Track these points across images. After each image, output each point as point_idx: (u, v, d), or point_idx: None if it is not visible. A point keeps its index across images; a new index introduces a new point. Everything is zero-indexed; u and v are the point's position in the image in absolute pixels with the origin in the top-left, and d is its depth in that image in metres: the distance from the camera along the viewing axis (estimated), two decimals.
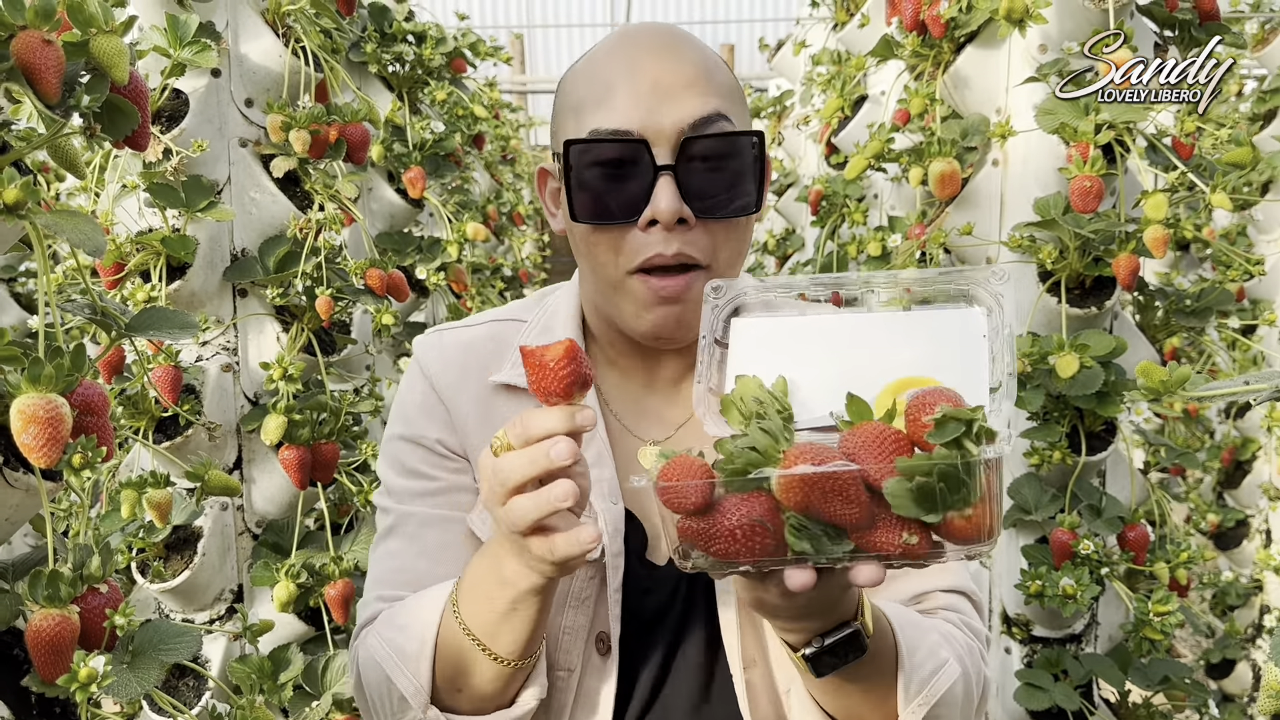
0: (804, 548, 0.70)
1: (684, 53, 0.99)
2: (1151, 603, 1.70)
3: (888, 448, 0.68)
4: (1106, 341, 1.71)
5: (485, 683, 0.96)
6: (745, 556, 0.71)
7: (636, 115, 0.95)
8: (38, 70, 0.89)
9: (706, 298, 0.87)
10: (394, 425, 1.13)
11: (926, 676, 0.91)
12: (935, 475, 0.66)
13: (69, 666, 0.96)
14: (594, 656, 1.04)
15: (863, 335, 0.80)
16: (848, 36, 2.69)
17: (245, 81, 1.84)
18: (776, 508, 0.70)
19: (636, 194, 0.96)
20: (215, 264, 1.81)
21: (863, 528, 0.69)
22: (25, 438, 0.88)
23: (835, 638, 0.83)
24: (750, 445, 0.70)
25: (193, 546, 1.84)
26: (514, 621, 0.92)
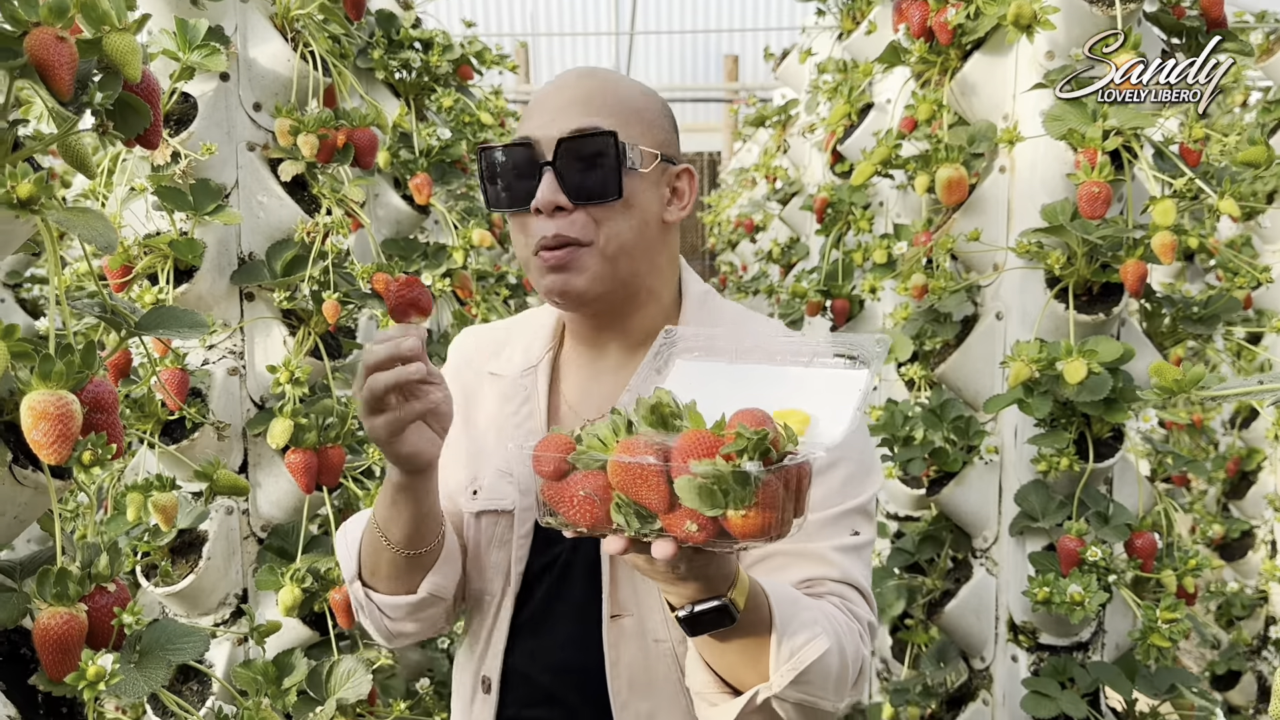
0: (620, 521, 0.86)
1: (583, 84, 1.24)
2: (1160, 609, 1.69)
3: (695, 450, 0.82)
4: (1114, 348, 1.70)
5: (386, 565, 1.22)
6: (582, 522, 0.88)
7: (532, 127, 1.21)
8: (51, 67, 0.89)
9: (660, 338, 1.08)
10: None
11: (798, 645, 1.03)
12: (712, 478, 0.80)
13: (76, 665, 0.96)
14: (509, 587, 1.27)
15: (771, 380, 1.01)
16: (853, 44, 2.70)
17: (254, 85, 1.84)
18: (608, 486, 0.86)
19: (528, 187, 1.19)
20: (223, 267, 1.81)
21: (663, 512, 0.84)
22: (36, 434, 0.88)
23: (704, 605, 0.97)
24: (596, 434, 0.87)
25: (197, 550, 1.84)
26: (397, 512, 1.16)
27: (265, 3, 1.88)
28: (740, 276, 5.84)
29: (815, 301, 2.86)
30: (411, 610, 1.26)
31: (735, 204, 5.78)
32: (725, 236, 5.93)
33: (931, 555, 2.20)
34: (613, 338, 1.29)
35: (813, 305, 2.87)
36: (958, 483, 2.05)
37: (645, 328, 1.28)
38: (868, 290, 2.55)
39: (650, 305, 1.29)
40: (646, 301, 1.28)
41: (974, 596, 2.08)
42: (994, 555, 2.08)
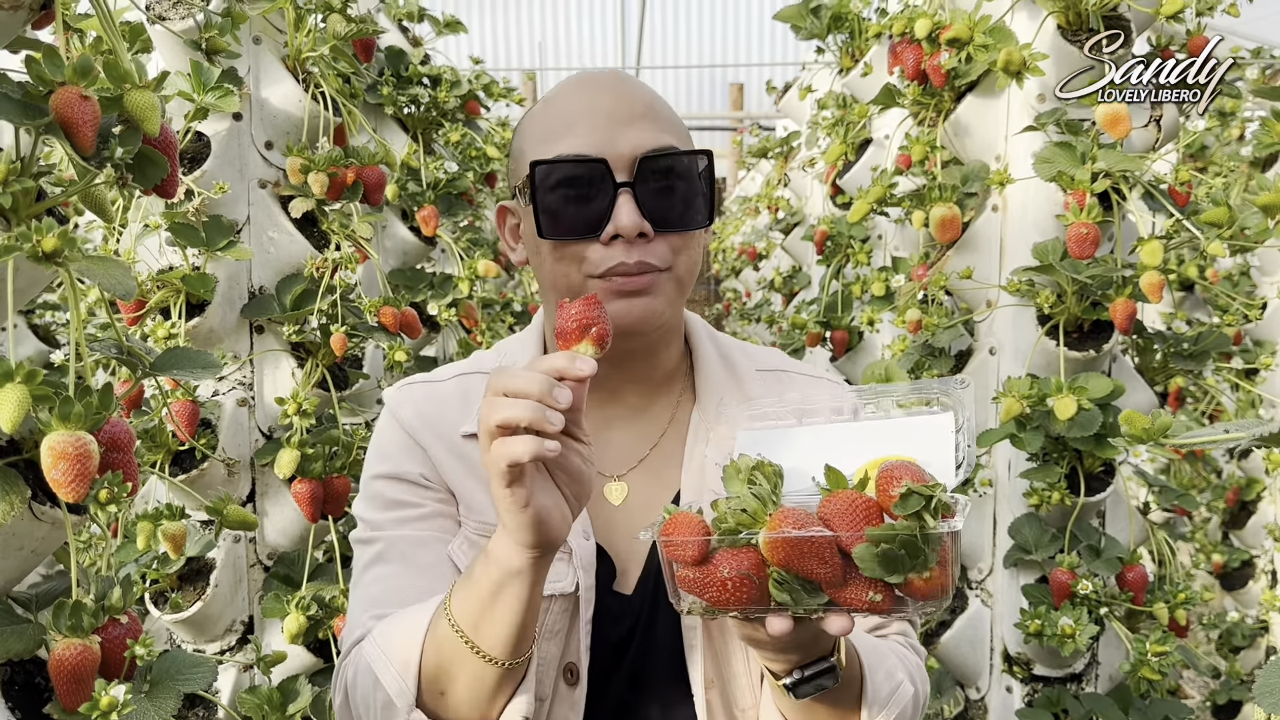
0: (784, 599, 0.80)
1: (634, 91, 1.09)
2: (1150, 643, 1.72)
3: (858, 516, 0.78)
4: (1104, 384, 1.74)
5: (469, 684, 0.96)
6: (734, 604, 0.81)
7: (596, 141, 1.04)
8: (75, 124, 0.94)
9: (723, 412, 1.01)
10: (374, 466, 1.16)
11: (885, 697, 1.00)
12: (898, 543, 0.76)
13: (90, 695, 1.00)
14: (562, 687, 1.07)
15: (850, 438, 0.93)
16: (852, 82, 2.75)
17: (266, 125, 1.89)
18: (763, 563, 0.80)
19: (598, 211, 1.03)
20: (234, 301, 1.86)
21: (835, 585, 0.79)
22: (55, 473, 0.92)
23: (814, 669, 0.92)
24: (742, 507, 0.81)
25: (205, 578, 1.87)
26: (499, 609, 0.92)
27: (277, 44, 1.94)
28: (744, 303, 5.89)
29: (815, 332, 2.90)
30: None
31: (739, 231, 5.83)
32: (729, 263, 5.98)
33: None
34: (631, 380, 1.15)
35: (812, 336, 2.91)
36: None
37: (666, 368, 1.17)
38: (866, 322, 2.58)
39: (675, 342, 1.18)
40: (675, 339, 1.17)
41: (969, 627, 2.11)
42: (989, 586, 2.10)
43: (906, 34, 1.95)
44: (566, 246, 1.05)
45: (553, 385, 0.84)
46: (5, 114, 0.91)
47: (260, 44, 1.89)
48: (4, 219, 0.97)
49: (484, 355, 1.23)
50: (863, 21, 2.73)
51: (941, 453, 0.88)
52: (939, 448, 0.89)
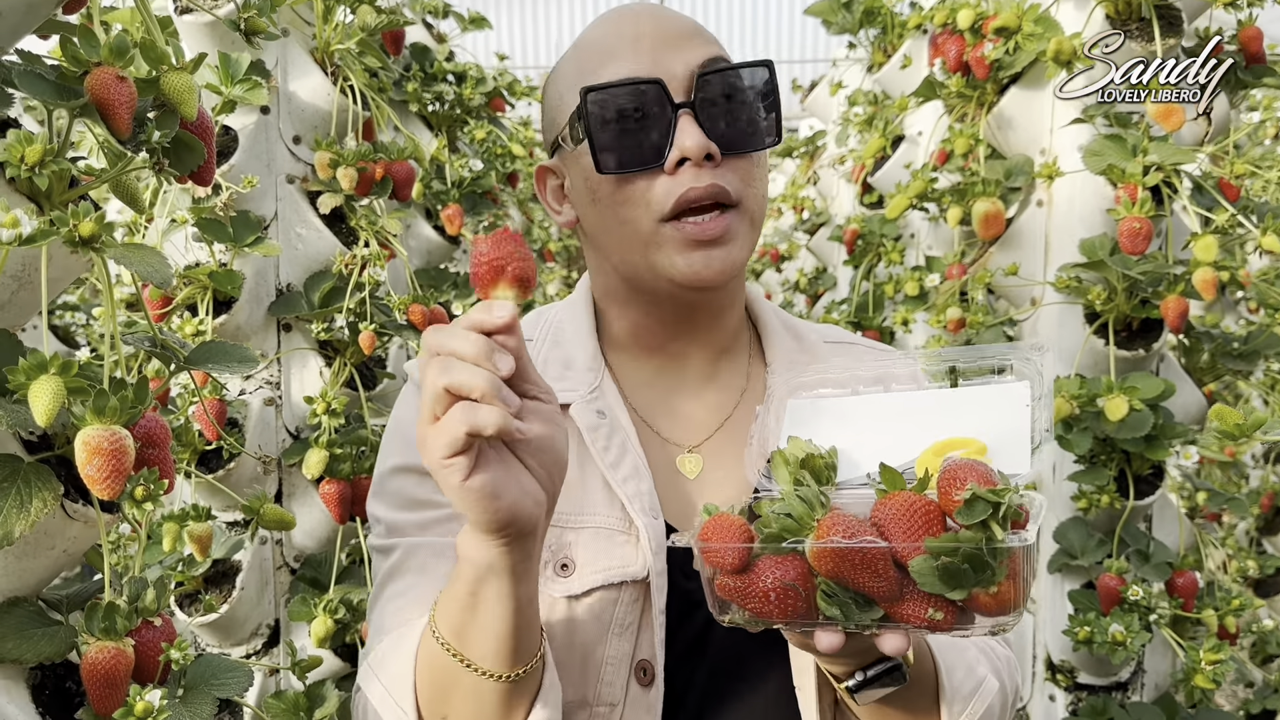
0: (834, 613, 0.72)
1: (676, 14, 1.00)
2: (1203, 650, 1.67)
3: (917, 523, 0.69)
4: (1155, 384, 1.69)
5: (468, 704, 0.85)
6: (778, 616, 0.73)
7: (646, 63, 0.95)
8: (111, 106, 0.90)
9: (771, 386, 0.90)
10: (393, 456, 1.05)
11: (967, 695, 0.91)
12: (960, 557, 0.67)
13: (123, 700, 0.96)
14: (635, 688, 0.96)
15: (912, 409, 0.84)
16: (885, 78, 2.70)
17: (294, 119, 1.86)
18: (809, 573, 0.72)
19: (659, 137, 0.94)
20: (261, 298, 1.82)
21: (890, 599, 0.71)
22: (89, 469, 0.88)
23: (876, 670, 0.84)
24: (787, 512, 0.73)
25: (231, 580, 1.84)
26: (481, 613, 0.81)
27: (305, 37, 1.90)
28: None
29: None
30: None
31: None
32: (750, 265, 5.93)
33: None
34: (697, 344, 1.06)
35: None
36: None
37: (731, 329, 1.08)
38: (899, 322, 2.53)
39: (740, 298, 1.08)
40: (739, 294, 1.08)
41: (1012, 634, 2.06)
42: (1032, 593, 2.05)
43: (948, 25, 1.91)
44: (629, 183, 0.96)
45: (493, 349, 0.72)
46: (39, 95, 0.87)
47: (288, 36, 1.85)
48: (36, 205, 0.93)
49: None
50: (895, 16, 2.68)
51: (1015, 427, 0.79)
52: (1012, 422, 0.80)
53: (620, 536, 0.97)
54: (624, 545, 0.96)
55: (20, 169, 0.83)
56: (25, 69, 0.89)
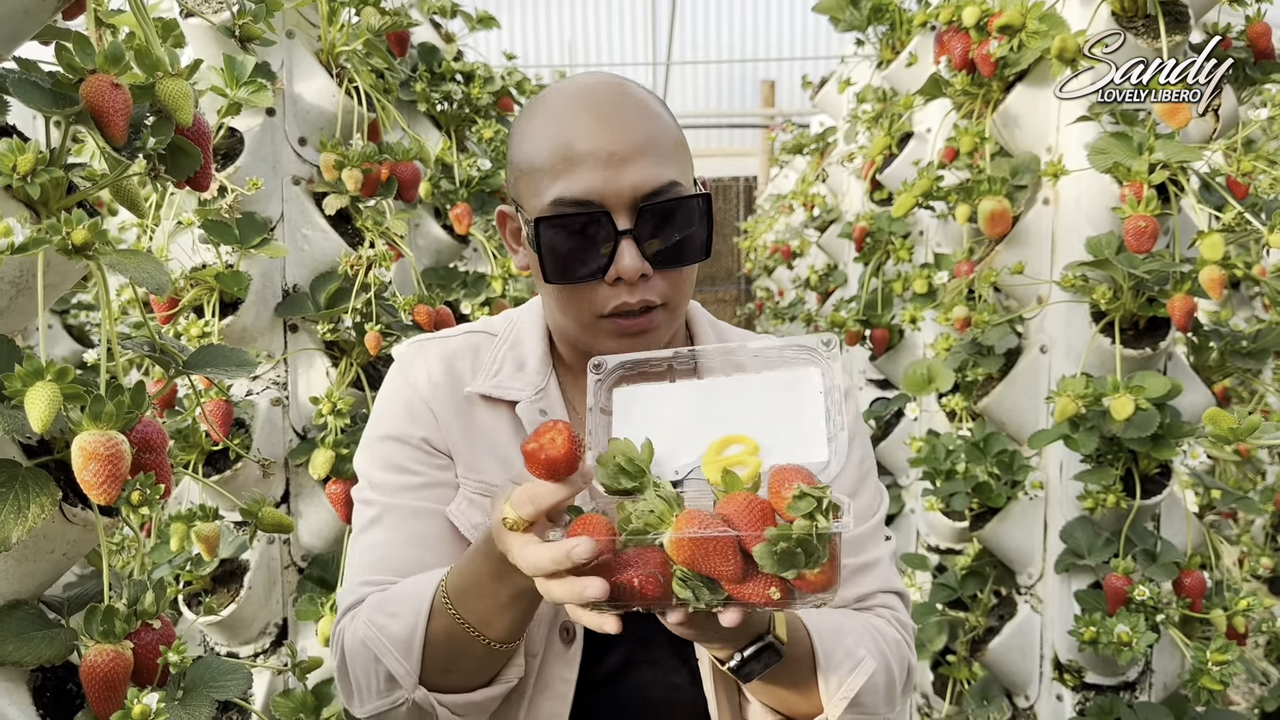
0: (686, 596, 0.84)
1: (635, 118, 1.09)
2: (1210, 651, 1.65)
3: (756, 517, 0.82)
4: (1162, 383, 1.68)
5: (475, 664, 1.05)
6: (638, 602, 0.85)
7: (596, 185, 1.05)
8: (106, 113, 0.91)
9: (590, 373, 1.01)
10: (380, 426, 1.20)
11: (844, 675, 1.05)
12: (794, 542, 0.80)
13: (122, 703, 0.97)
14: (556, 644, 1.13)
15: (717, 396, 0.98)
16: (893, 74, 2.69)
17: (299, 120, 1.87)
18: (666, 562, 0.84)
19: (601, 256, 1.07)
20: (267, 299, 1.83)
21: (735, 581, 0.83)
22: (86, 474, 0.89)
23: (751, 650, 0.98)
24: (650, 509, 0.84)
25: (239, 580, 1.85)
26: (514, 611, 1.00)
27: (310, 39, 1.91)
28: (777, 302, 5.83)
29: (855, 331, 2.84)
30: (490, 702, 1.09)
31: (772, 229, 5.78)
32: (762, 262, 5.93)
33: (975, 591, 2.17)
34: None
35: (852, 334, 2.85)
36: (1001, 518, 2.02)
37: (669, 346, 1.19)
38: (908, 320, 2.53)
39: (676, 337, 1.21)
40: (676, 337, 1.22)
41: (1018, 634, 2.05)
42: (1038, 592, 2.04)
43: (954, 22, 1.90)
44: (573, 290, 1.10)
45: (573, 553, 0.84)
46: (34, 103, 0.88)
47: (293, 38, 1.86)
48: (34, 212, 0.94)
49: (492, 320, 1.28)
50: (903, 12, 2.67)
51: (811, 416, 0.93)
52: (808, 410, 0.94)
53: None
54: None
55: (13, 178, 0.83)
56: (20, 76, 0.90)
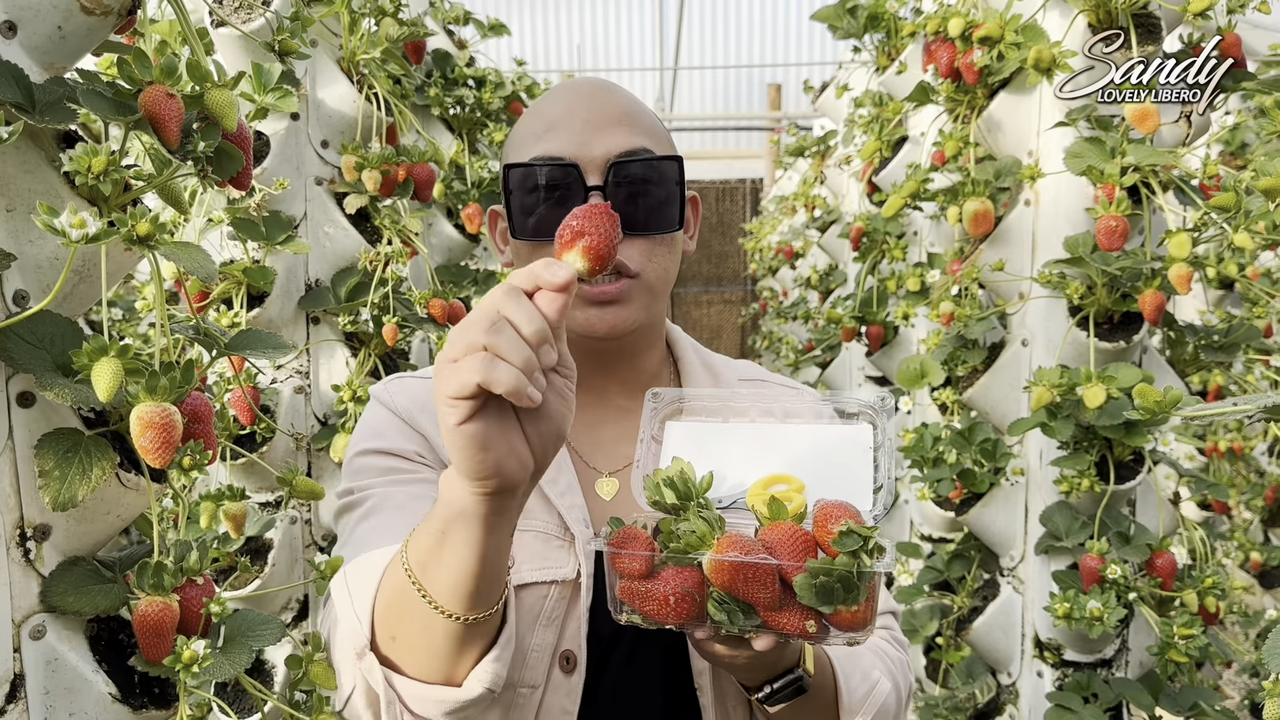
0: (720, 619, 0.85)
1: (614, 97, 1.12)
2: (1177, 626, 1.75)
3: (799, 548, 0.82)
4: (1133, 374, 1.78)
5: (418, 634, 0.89)
6: (673, 620, 0.86)
7: (570, 145, 1.07)
8: (162, 120, 1.02)
9: (647, 402, 1.02)
10: (362, 443, 1.15)
11: (861, 697, 1.05)
12: (835, 577, 0.81)
13: (170, 649, 1.08)
14: (557, 674, 1.07)
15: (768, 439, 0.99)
16: (888, 80, 2.80)
17: (322, 124, 1.98)
18: (704, 583, 0.85)
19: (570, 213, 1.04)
20: (291, 293, 1.94)
21: (771, 609, 0.84)
22: (143, 441, 1.00)
23: (781, 682, 0.98)
24: (691, 530, 0.85)
25: (263, 557, 1.96)
26: (447, 552, 0.84)
27: (332, 47, 2.02)
28: (780, 302, 5.93)
29: (850, 327, 2.94)
30: (453, 708, 0.92)
31: (776, 230, 5.88)
32: (766, 262, 6.03)
33: (961, 574, 2.27)
34: (617, 381, 1.18)
35: (848, 331, 2.96)
36: (985, 503, 2.13)
37: (649, 370, 1.20)
38: (901, 317, 2.63)
39: (656, 345, 1.21)
40: (655, 341, 1.20)
41: (1001, 614, 2.15)
42: (1020, 574, 2.15)
43: (940, 33, 2.00)
44: (540, 248, 1.08)
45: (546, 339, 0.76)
46: (100, 111, 0.99)
47: (316, 46, 1.98)
48: (95, 207, 1.05)
49: None
50: (899, 21, 2.78)
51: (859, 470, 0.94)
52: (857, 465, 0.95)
53: (556, 541, 1.09)
54: (559, 549, 1.08)
55: (87, 177, 0.94)
56: (87, 88, 1.01)
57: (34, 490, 1.03)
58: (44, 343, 1.02)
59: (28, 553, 1.06)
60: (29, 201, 1.01)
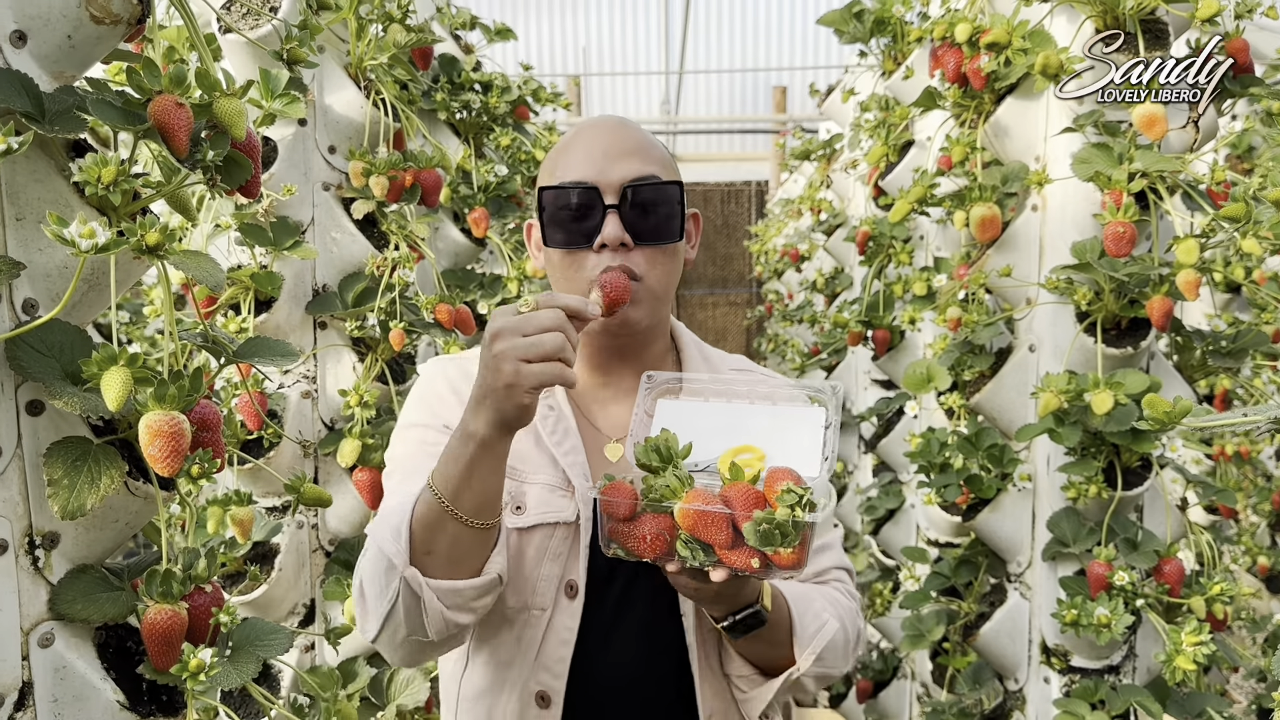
0: (685, 554, 1.10)
1: (629, 133, 1.36)
2: (1185, 633, 1.75)
3: (750, 502, 1.06)
4: (1140, 380, 1.77)
5: (450, 543, 1.17)
6: (649, 554, 1.12)
7: (592, 171, 1.31)
8: (171, 129, 1.02)
9: (642, 383, 1.27)
10: (411, 415, 1.39)
11: (812, 634, 1.29)
12: (774, 524, 1.03)
13: (179, 657, 1.08)
14: (563, 599, 1.31)
15: (740, 416, 1.23)
16: (894, 85, 2.79)
17: (329, 130, 1.98)
18: (674, 526, 1.10)
19: (591, 227, 1.31)
20: (299, 298, 1.95)
21: (725, 548, 1.08)
22: (152, 449, 1.00)
23: (742, 613, 1.22)
24: (665, 484, 1.09)
25: (270, 562, 1.97)
26: (474, 479, 1.14)
27: (340, 53, 2.03)
28: (786, 305, 5.93)
29: (857, 331, 2.94)
30: (476, 595, 1.20)
31: (781, 233, 5.88)
32: (772, 265, 6.03)
33: (968, 579, 2.27)
34: (626, 366, 1.41)
35: (854, 335, 2.95)
36: (992, 509, 2.12)
37: (654, 356, 1.43)
38: (907, 321, 2.63)
39: (660, 339, 1.43)
40: (660, 335, 1.43)
41: (1008, 620, 2.15)
42: (1027, 579, 2.14)
43: (947, 38, 2.00)
44: (568, 254, 1.33)
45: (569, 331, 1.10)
46: (109, 120, 0.99)
47: (324, 52, 1.98)
48: (104, 216, 1.05)
49: None
50: (905, 25, 2.77)
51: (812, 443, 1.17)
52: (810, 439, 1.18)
53: (560, 491, 1.33)
54: (562, 498, 1.33)
55: (97, 187, 0.95)
56: (96, 97, 1.01)
57: (43, 498, 1.04)
58: (53, 351, 1.02)
59: (36, 561, 1.06)
60: (38, 210, 1.01)
